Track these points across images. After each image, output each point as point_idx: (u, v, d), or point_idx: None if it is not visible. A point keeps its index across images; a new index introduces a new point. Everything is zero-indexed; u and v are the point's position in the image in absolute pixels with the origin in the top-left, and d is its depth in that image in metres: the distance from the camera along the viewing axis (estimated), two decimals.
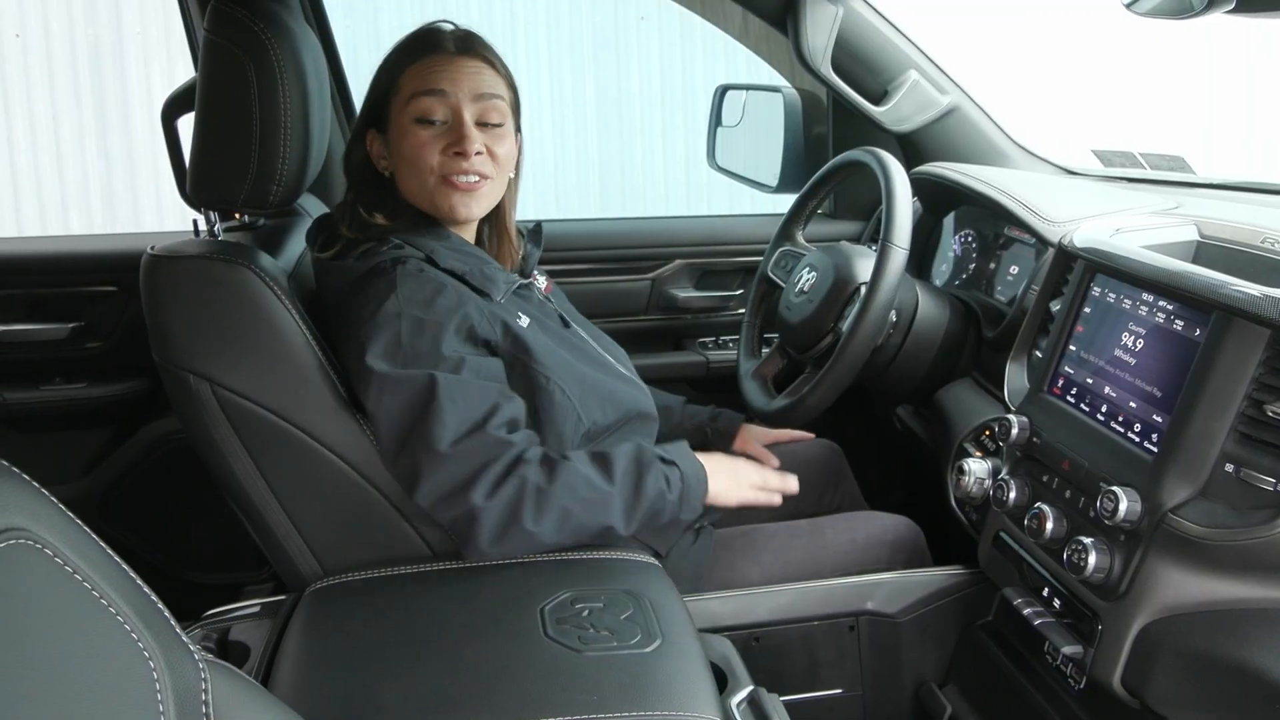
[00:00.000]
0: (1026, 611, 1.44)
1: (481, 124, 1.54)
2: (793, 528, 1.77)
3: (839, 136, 2.34)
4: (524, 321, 1.55)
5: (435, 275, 1.49)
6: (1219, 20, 1.11)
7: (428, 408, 1.39)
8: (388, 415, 1.42)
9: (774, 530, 1.77)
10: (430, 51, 1.55)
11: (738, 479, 1.64)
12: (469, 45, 1.57)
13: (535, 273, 1.74)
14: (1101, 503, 1.27)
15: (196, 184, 1.53)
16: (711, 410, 1.98)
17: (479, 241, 1.67)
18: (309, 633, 1.36)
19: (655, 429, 1.72)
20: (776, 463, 1.93)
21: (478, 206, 1.57)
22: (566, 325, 1.67)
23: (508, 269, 1.66)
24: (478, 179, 1.54)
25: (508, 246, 1.71)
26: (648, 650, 1.26)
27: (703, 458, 1.60)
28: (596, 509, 1.45)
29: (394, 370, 1.41)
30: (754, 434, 1.98)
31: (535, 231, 1.77)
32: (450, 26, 1.60)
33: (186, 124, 1.64)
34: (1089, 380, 1.44)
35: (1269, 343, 1.19)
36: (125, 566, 0.77)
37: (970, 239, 2.03)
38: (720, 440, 1.97)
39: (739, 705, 1.28)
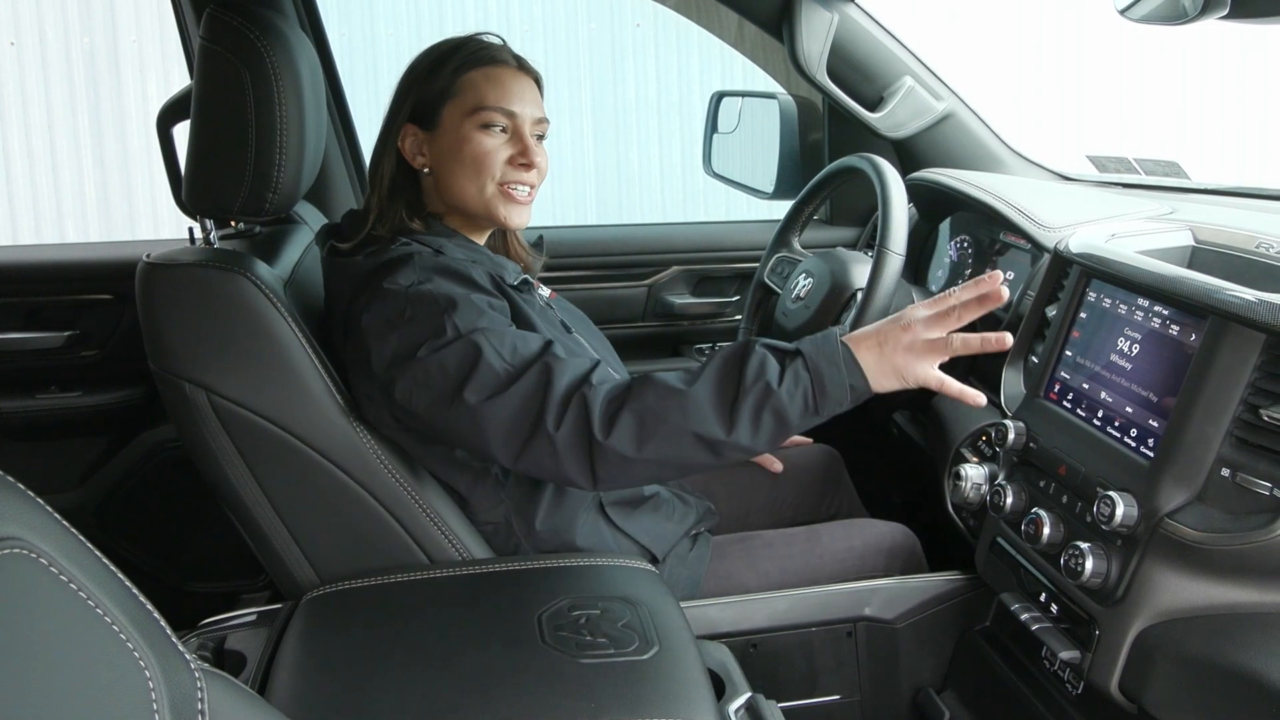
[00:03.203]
0: (1024, 617, 1.44)
1: (536, 138, 1.59)
2: (790, 535, 1.77)
3: (835, 143, 2.35)
4: (532, 315, 1.56)
5: (451, 261, 1.50)
6: (1213, 26, 1.12)
7: (475, 367, 1.38)
8: (436, 396, 1.39)
9: (771, 538, 1.77)
10: (493, 62, 1.57)
11: (882, 352, 1.38)
12: (525, 64, 1.61)
13: (538, 281, 1.75)
14: (1098, 508, 1.27)
15: (192, 192, 1.53)
16: None
17: (489, 245, 1.68)
18: (305, 641, 1.35)
19: None
20: (779, 466, 1.94)
21: (528, 216, 1.61)
22: (569, 331, 1.67)
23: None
24: (529, 190, 1.58)
25: (516, 250, 1.74)
26: (645, 657, 1.26)
27: (855, 334, 1.41)
28: (676, 412, 1.34)
29: (429, 355, 1.39)
30: None
31: (537, 244, 1.80)
32: (498, 40, 1.63)
33: (182, 132, 1.64)
34: (1085, 385, 1.44)
35: (1264, 347, 1.19)
36: (121, 575, 0.77)
37: (966, 244, 2.04)
38: None
39: (737, 712, 1.27)
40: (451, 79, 1.56)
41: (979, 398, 1.43)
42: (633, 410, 1.35)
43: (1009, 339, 1.39)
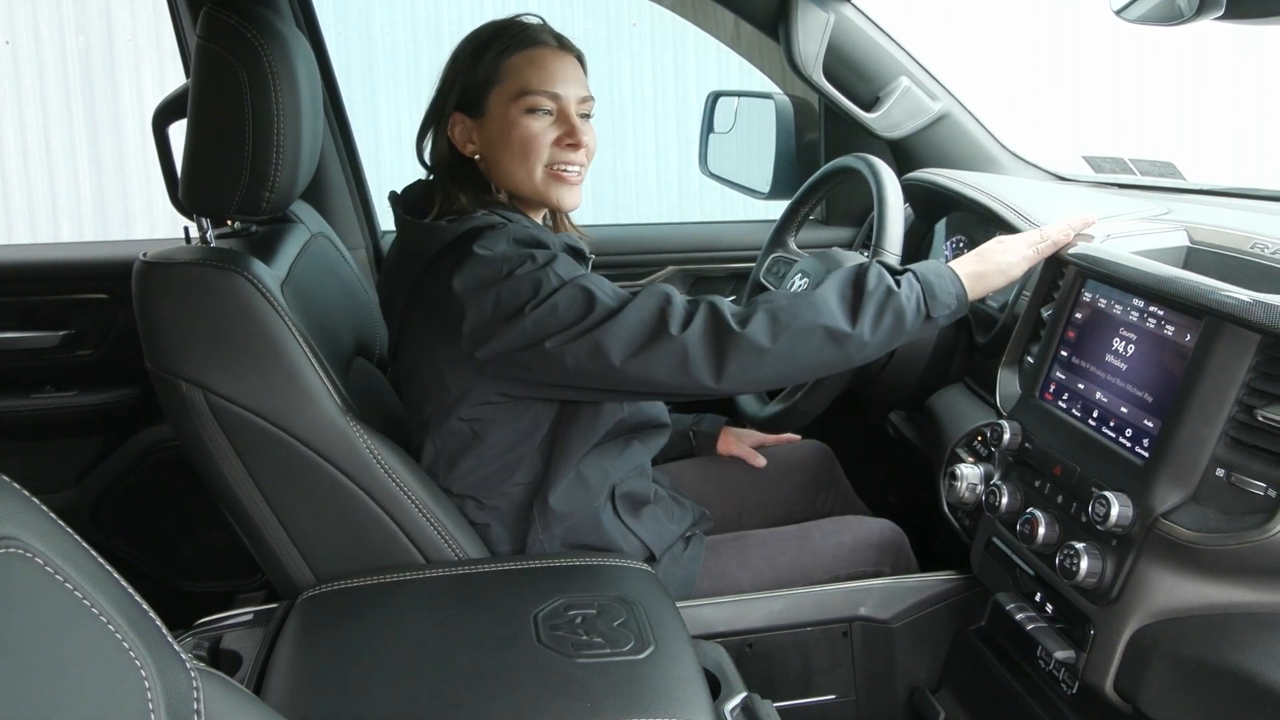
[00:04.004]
0: (1019, 616, 1.44)
1: (582, 116, 1.61)
2: (781, 533, 1.78)
3: (831, 143, 2.35)
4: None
5: (536, 230, 1.53)
6: (1209, 26, 1.12)
7: (589, 303, 1.43)
8: (565, 343, 1.43)
9: (763, 536, 1.78)
10: (533, 44, 1.58)
11: (983, 259, 1.60)
12: (566, 42, 1.62)
13: None
14: (1093, 508, 1.27)
15: (188, 190, 1.52)
16: (694, 417, 2.01)
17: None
18: (301, 641, 1.35)
19: (665, 437, 1.75)
20: (762, 462, 1.95)
21: (579, 197, 1.64)
22: None
23: None
24: (579, 169, 1.61)
25: (570, 231, 1.75)
26: (641, 657, 1.26)
27: (957, 259, 1.61)
28: (807, 307, 1.46)
29: (534, 308, 1.43)
30: (736, 434, 2.00)
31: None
32: (538, 19, 1.63)
33: (177, 131, 1.64)
34: (1080, 385, 1.44)
35: (1259, 348, 1.19)
36: (117, 575, 0.77)
37: (961, 244, 2.04)
38: (704, 444, 1.99)
39: (733, 712, 1.28)
40: (495, 65, 1.56)
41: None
42: (765, 308, 1.46)
43: (1092, 218, 1.60)
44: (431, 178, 1.63)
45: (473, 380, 1.50)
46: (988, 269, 1.58)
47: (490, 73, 1.57)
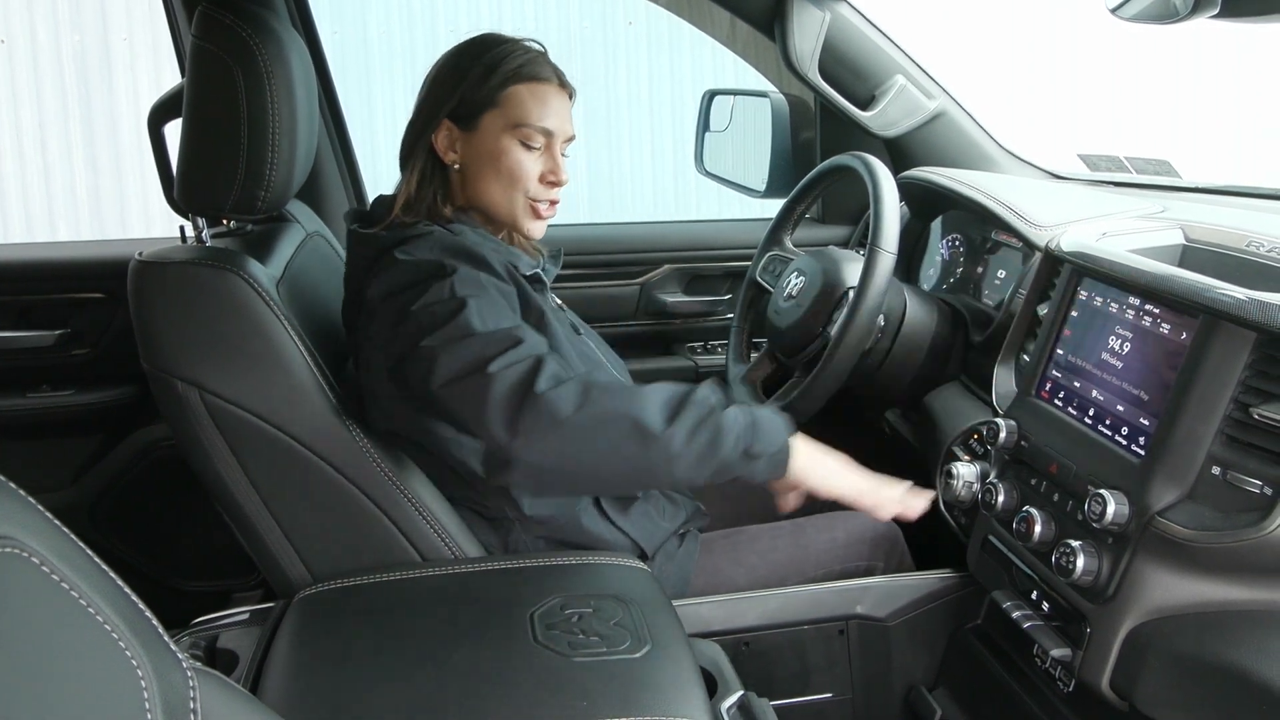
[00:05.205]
0: (1015, 615, 1.44)
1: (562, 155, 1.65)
2: (775, 529, 1.78)
3: (826, 141, 2.35)
4: (544, 306, 1.59)
5: (467, 243, 1.52)
6: (1205, 25, 1.12)
7: (452, 318, 1.39)
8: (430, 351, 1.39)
9: (757, 532, 1.78)
10: (538, 79, 1.61)
11: (824, 456, 1.50)
12: (565, 80, 1.65)
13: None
14: (1089, 506, 1.27)
15: (184, 190, 1.52)
16: None
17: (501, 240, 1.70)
18: (298, 640, 1.35)
19: None
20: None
21: (544, 230, 1.67)
22: (577, 333, 1.71)
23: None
24: (552, 205, 1.64)
25: (524, 247, 1.75)
26: (637, 656, 1.26)
27: (811, 446, 1.50)
28: (623, 394, 1.37)
29: (421, 309, 1.41)
30: None
31: (556, 253, 1.82)
32: (540, 48, 1.66)
33: (173, 130, 1.64)
34: (1076, 384, 1.44)
35: (1255, 346, 1.19)
36: (113, 575, 0.77)
37: (958, 243, 2.04)
38: None
39: (729, 710, 1.28)
40: (498, 90, 1.59)
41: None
42: (581, 380, 1.36)
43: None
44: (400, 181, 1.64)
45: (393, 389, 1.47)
46: (822, 457, 1.49)
47: (492, 95, 1.59)
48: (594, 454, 1.35)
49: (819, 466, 1.49)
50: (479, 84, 1.59)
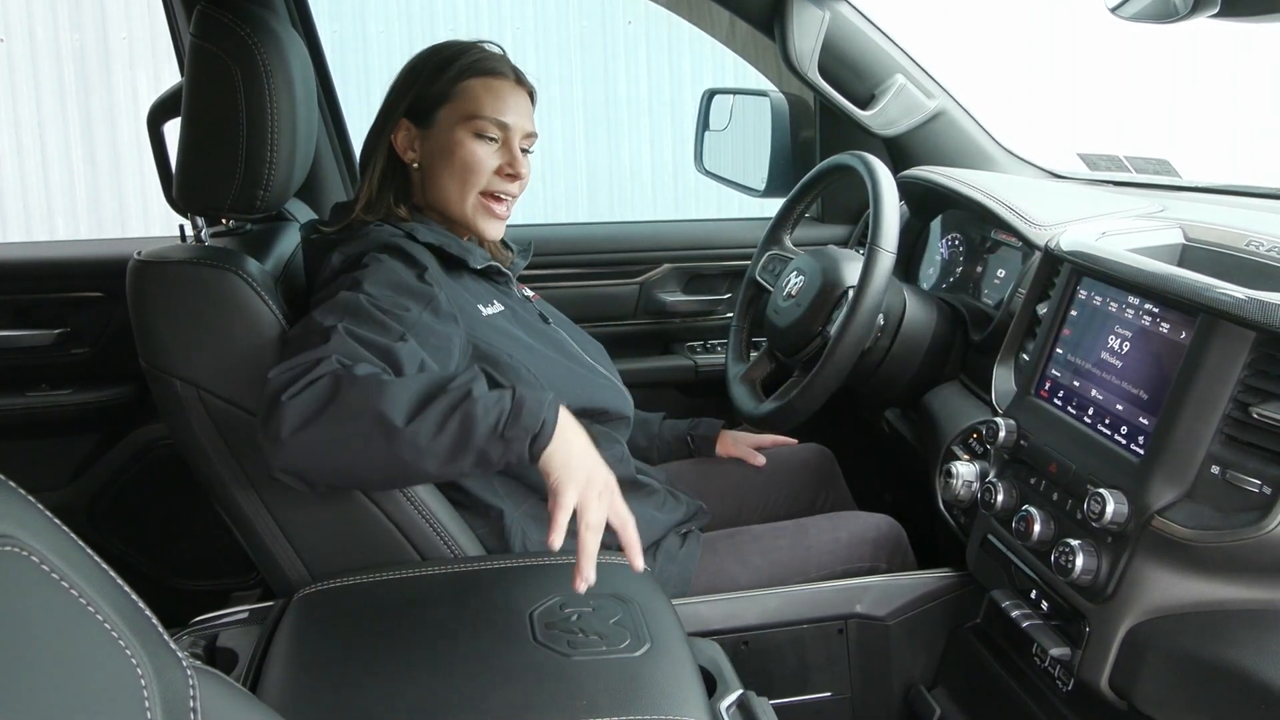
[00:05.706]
0: (1014, 614, 1.44)
1: (523, 150, 1.65)
2: (777, 529, 1.78)
3: (826, 141, 2.35)
4: (494, 309, 1.60)
5: (403, 241, 1.52)
6: (1204, 24, 1.12)
7: (330, 315, 1.36)
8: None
9: (760, 532, 1.78)
10: (493, 73, 1.62)
11: (586, 446, 1.34)
12: (523, 77, 1.66)
13: (518, 280, 1.78)
14: (1089, 505, 1.27)
15: (183, 189, 1.52)
16: (690, 421, 2.01)
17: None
18: (297, 639, 1.35)
19: (627, 429, 1.74)
20: (762, 461, 1.95)
21: (502, 230, 1.67)
22: (546, 322, 1.71)
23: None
24: (510, 201, 1.65)
25: (493, 248, 1.76)
26: (637, 655, 1.26)
27: (576, 430, 1.35)
28: (374, 387, 1.25)
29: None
30: (733, 437, 1.99)
31: (526, 248, 1.83)
32: (499, 49, 1.67)
33: (172, 129, 1.64)
34: (1076, 383, 1.44)
35: (1254, 345, 1.19)
36: (113, 574, 0.77)
37: (957, 242, 2.04)
38: (703, 447, 1.99)
39: (728, 709, 1.28)
40: (452, 84, 1.61)
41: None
42: (335, 378, 1.26)
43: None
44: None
45: None
46: (581, 440, 1.33)
47: (446, 90, 1.61)
48: (348, 453, 1.26)
49: (561, 450, 1.32)
50: (433, 80, 1.62)
